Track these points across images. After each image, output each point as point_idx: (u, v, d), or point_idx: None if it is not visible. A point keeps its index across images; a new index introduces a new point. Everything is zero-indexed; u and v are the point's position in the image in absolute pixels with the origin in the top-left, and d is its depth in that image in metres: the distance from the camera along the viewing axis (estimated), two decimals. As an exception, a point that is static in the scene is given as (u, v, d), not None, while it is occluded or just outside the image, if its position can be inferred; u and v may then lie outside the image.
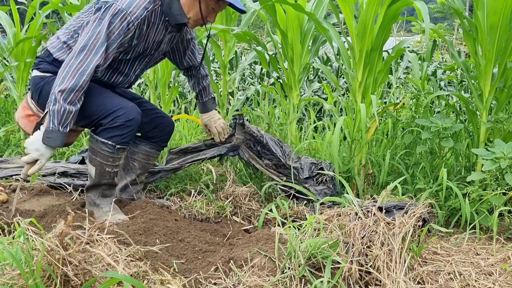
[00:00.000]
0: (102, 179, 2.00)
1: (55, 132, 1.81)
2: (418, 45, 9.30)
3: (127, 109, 1.92)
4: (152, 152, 2.28)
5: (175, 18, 1.95)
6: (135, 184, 2.29)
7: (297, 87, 2.68)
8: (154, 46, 2.06)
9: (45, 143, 1.82)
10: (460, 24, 2.34)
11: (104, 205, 2.02)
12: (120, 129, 1.91)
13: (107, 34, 1.83)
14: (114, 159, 1.96)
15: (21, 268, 1.15)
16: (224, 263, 1.65)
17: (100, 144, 1.93)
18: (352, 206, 1.68)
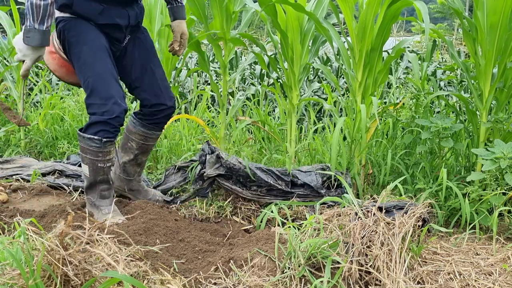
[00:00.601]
0: (96, 176, 1.98)
1: (32, 31, 1.75)
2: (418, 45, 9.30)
3: (108, 106, 1.88)
4: (150, 133, 2.20)
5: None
6: (133, 164, 2.24)
7: (297, 87, 2.68)
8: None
9: (25, 43, 1.77)
10: (460, 24, 2.34)
11: (103, 206, 2.00)
12: (103, 125, 1.89)
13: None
14: (103, 153, 1.94)
15: (21, 268, 1.15)
16: (224, 263, 1.65)
17: (87, 141, 1.92)
18: (352, 206, 1.68)
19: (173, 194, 2.45)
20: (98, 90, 1.89)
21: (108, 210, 1.98)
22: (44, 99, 4.26)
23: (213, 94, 5.15)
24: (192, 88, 5.89)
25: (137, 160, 2.23)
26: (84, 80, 1.92)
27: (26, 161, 2.91)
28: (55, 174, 2.71)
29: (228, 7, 2.63)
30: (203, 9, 2.69)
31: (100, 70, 1.92)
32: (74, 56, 1.94)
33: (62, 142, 3.34)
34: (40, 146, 3.52)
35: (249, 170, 2.23)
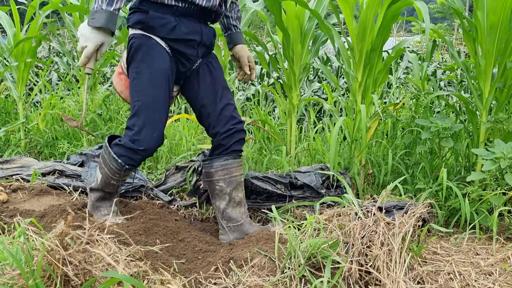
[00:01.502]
0: (105, 188, 1.97)
1: (99, 12, 1.67)
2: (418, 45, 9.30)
3: (144, 137, 1.81)
4: (229, 163, 1.97)
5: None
6: (235, 205, 1.98)
7: (297, 87, 2.68)
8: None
9: (89, 25, 1.69)
10: (460, 24, 2.34)
11: (103, 208, 1.99)
12: (129, 152, 1.84)
13: None
14: (120, 175, 1.91)
15: (21, 268, 1.15)
16: (224, 263, 1.65)
17: (110, 157, 1.88)
18: (352, 206, 1.68)
19: (173, 194, 2.45)
20: (140, 116, 1.82)
21: (107, 212, 1.97)
22: (44, 99, 4.26)
23: (213, 94, 5.13)
24: (192, 88, 5.87)
25: (234, 200, 1.98)
26: (133, 100, 1.86)
27: (26, 161, 2.91)
28: (55, 174, 2.71)
29: (228, 7, 2.63)
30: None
31: (151, 98, 1.83)
32: (132, 73, 1.87)
33: (62, 142, 3.34)
34: (40, 146, 3.52)
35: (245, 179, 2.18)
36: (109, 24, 1.68)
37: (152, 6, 1.82)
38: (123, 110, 3.71)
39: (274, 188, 2.26)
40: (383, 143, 2.76)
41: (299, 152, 2.92)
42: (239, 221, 1.96)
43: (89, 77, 1.86)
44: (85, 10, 3.21)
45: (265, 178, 2.27)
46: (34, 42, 3.50)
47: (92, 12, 1.68)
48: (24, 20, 3.60)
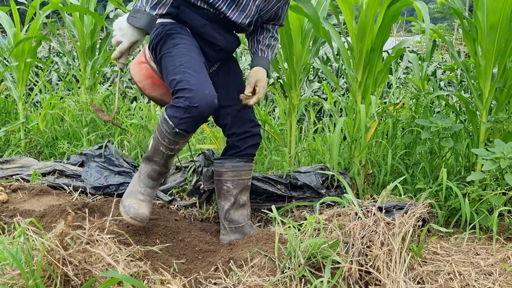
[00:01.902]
0: (154, 155, 1.81)
1: (141, 12, 1.65)
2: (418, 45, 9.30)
3: (196, 93, 1.67)
4: (241, 165, 1.98)
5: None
6: (239, 207, 1.99)
7: (297, 87, 2.68)
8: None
9: (129, 22, 1.66)
10: (460, 24, 2.34)
11: (142, 184, 1.83)
12: (181, 111, 1.68)
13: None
14: (170, 141, 1.74)
15: (21, 268, 1.15)
16: (224, 263, 1.65)
17: (162, 119, 1.74)
18: (352, 206, 1.68)
19: (173, 194, 2.45)
20: (186, 75, 1.71)
21: (145, 192, 1.82)
22: (44, 99, 4.26)
23: (213, 94, 5.14)
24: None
25: (239, 202, 1.99)
26: (174, 67, 1.76)
27: (26, 161, 2.91)
28: (55, 174, 2.71)
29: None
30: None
31: (194, 61, 1.78)
32: (165, 50, 1.81)
33: (62, 142, 3.34)
34: (40, 146, 3.52)
35: None
36: (147, 27, 1.68)
37: (184, 3, 1.84)
38: (123, 110, 3.71)
39: (274, 188, 2.26)
40: (383, 143, 2.76)
41: (299, 152, 2.92)
42: (241, 223, 1.97)
43: (121, 74, 1.83)
44: (85, 10, 3.21)
45: (265, 178, 2.27)
46: (34, 42, 3.50)
47: (134, 10, 1.67)
48: (24, 20, 3.60)
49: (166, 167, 1.85)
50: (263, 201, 2.27)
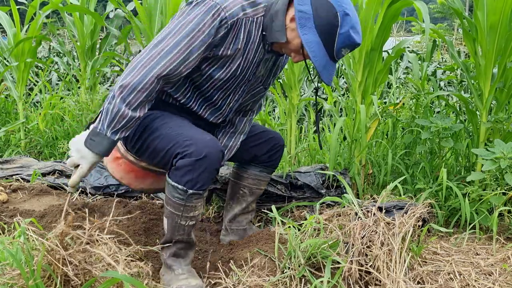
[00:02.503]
0: (174, 235, 1.57)
1: (102, 136, 1.45)
2: (418, 45, 9.30)
3: (199, 144, 1.49)
4: (263, 176, 1.95)
5: (272, 34, 1.56)
6: (245, 213, 1.99)
7: (297, 87, 2.68)
8: (251, 66, 1.65)
9: (87, 146, 1.46)
10: (460, 24, 2.34)
11: (176, 266, 1.58)
12: (191, 171, 1.49)
13: (193, 29, 1.46)
14: (186, 208, 1.53)
15: (22, 268, 1.15)
16: (224, 263, 1.65)
17: (170, 189, 1.53)
18: (352, 206, 1.68)
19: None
20: (178, 142, 1.53)
21: (181, 271, 1.58)
22: (44, 99, 4.26)
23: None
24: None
25: (248, 208, 1.98)
26: (163, 140, 1.57)
27: (26, 161, 2.91)
28: (55, 174, 2.71)
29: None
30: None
31: (185, 125, 1.63)
32: (150, 135, 1.61)
33: (62, 142, 3.34)
34: (40, 146, 3.52)
35: None
36: (106, 153, 1.49)
37: (157, 100, 1.68)
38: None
39: (274, 188, 2.26)
40: (383, 143, 2.76)
41: (299, 152, 2.92)
42: (244, 226, 1.98)
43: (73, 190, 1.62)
44: (85, 10, 3.21)
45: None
46: (34, 42, 3.50)
47: (93, 132, 1.47)
48: (24, 20, 3.60)
49: (191, 238, 1.62)
50: (263, 201, 2.26)
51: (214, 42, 1.51)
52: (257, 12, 1.57)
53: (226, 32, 1.51)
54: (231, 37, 1.54)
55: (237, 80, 1.66)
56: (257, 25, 1.58)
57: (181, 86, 1.64)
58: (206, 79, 1.62)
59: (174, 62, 1.46)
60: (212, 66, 1.58)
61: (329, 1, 1.47)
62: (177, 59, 1.46)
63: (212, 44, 1.52)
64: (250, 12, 1.55)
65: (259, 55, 1.64)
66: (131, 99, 1.44)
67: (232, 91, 1.69)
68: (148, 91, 1.45)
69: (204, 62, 1.57)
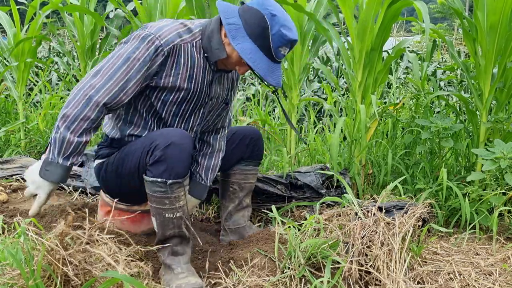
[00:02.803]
0: (166, 230, 1.58)
1: (54, 165, 1.49)
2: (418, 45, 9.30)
3: (164, 135, 1.54)
4: (249, 169, 1.97)
5: (213, 53, 1.61)
6: (241, 209, 1.99)
7: (297, 87, 2.68)
8: (203, 89, 1.68)
9: (42, 176, 1.50)
10: (460, 24, 2.34)
11: (175, 265, 1.59)
12: (163, 161, 1.52)
13: (129, 58, 1.52)
14: (170, 200, 1.55)
15: (22, 268, 1.15)
16: (224, 263, 1.65)
17: (150, 186, 1.55)
18: (352, 206, 1.68)
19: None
20: (145, 139, 1.60)
21: (181, 269, 1.59)
22: (44, 99, 4.26)
23: (213, 94, 5.14)
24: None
25: (242, 204, 1.99)
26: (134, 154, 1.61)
27: (26, 161, 2.91)
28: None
29: (228, 7, 2.63)
30: (202, 9, 2.69)
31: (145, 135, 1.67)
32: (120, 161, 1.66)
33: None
34: (40, 146, 3.52)
35: None
36: (63, 179, 1.51)
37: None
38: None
39: (274, 189, 2.26)
40: (383, 143, 2.76)
41: (299, 152, 2.92)
42: (241, 224, 1.98)
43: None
44: (85, 10, 3.21)
45: (265, 179, 2.27)
46: (34, 42, 3.50)
47: (46, 162, 1.50)
48: (24, 20, 3.60)
49: (183, 231, 1.62)
50: (263, 201, 2.27)
51: (153, 70, 1.56)
52: (195, 37, 1.63)
53: (164, 59, 1.56)
54: (171, 63, 1.59)
55: (192, 104, 1.69)
56: (198, 49, 1.63)
57: (146, 123, 1.69)
58: (161, 107, 1.66)
59: (113, 90, 1.51)
60: (162, 94, 1.63)
61: (254, 7, 1.53)
62: (115, 87, 1.51)
63: (151, 72, 1.56)
64: (187, 37, 1.61)
65: (208, 77, 1.68)
66: (75, 127, 1.48)
67: (190, 115, 1.72)
68: (91, 119, 1.50)
69: (153, 91, 1.62)
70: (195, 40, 1.63)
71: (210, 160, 1.87)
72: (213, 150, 1.88)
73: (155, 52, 1.54)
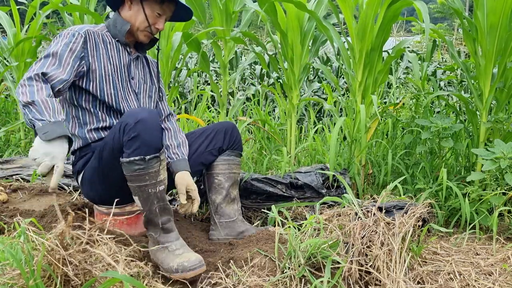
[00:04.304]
0: (151, 206, 1.62)
1: (47, 125, 1.49)
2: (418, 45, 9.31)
3: (132, 114, 1.60)
4: (231, 159, 2.01)
5: (120, 31, 1.83)
6: (230, 202, 2.01)
7: (297, 87, 2.68)
8: (123, 68, 1.85)
9: (45, 139, 1.47)
10: (460, 24, 2.34)
11: (169, 242, 1.64)
12: (136, 137, 1.56)
13: (56, 47, 1.70)
14: (150, 175, 1.59)
15: (22, 268, 1.15)
16: (224, 263, 1.65)
17: (128, 166, 1.59)
18: (352, 206, 1.68)
19: (173, 194, 2.45)
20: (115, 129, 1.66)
21: (176, 246, 1.63)
22: (44, 99, 4.26)
23: (213, 94, 5.15)
24: (192, 88, 5.90)
25: (229, 195, 2.01)
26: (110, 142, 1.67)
27: (26, 161, 2.91)
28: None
29: (227, 7, 2.63)
30: (203, 9, 2.70)
31: None
32: (97, 159, 1.73)
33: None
34: (40, 146, 3.52)
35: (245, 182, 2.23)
36: (65, 130, 1.52)
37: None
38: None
39: (274, 189, 2.26)
40: (383, 143, 2.76)
41: (299, 152, 2.92)
42: (232, 217, 1.99)
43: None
44: (85, 10, 3.21)
45: (265, 179, 2.27)
46: (34, 42, 3.50)
47: (38, 129, 1.49)
48: (24, 20, 3.60)
49: (167, 203, 1.67)
50: (263, 201, 2.27)
51: (78, 52, 1.74)
52: (103, 29, 1.86)
53: (83, 41, 1.76)
54: (91, 45, 1.78)
55: (119, 82, 1.84)
56: (108, 37, 1.85)
57: (96, 116, 1.82)
58: (101, 94, 1.80)
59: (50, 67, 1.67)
60: (96, 80, 1.78)
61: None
62: (52, 65, 1.68)
63: (78, 54, 1.73)
64: (96, 29, 1.84)
65: (125, 58, 1.86)
66: (36, 91, 1.57)
67: (128, 97, 1.86)
68: (41, 80, 1.62)
69: (88, 80, 1.77)
70: (104, 30, 1.85)
71: (176, 139, 1.96)
72: (174, 131, 1.99)
73: (73, 36, 1.74)
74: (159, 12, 1.83)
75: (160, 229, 1.64)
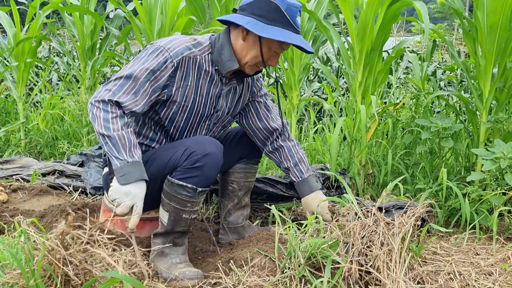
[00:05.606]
0: (176, 227, 1.64)
1: (126, 167, 1.46)
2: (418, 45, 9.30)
3: (200, 144, 1.59)
4: (248, 168, 1.97)
5: (224, 65, 1.66)
6: (240, 208, 1.99)
7: (297, 87, 2.69)
8: (210, 101, 1.72)
9: (125, 183, 1.46)
10: (460, 24, 2.34)
11: (174, 255, 1.65)
12: (197, 169, 1.56)
13: (140, 69, 1.55)
14: (193, 203, 1.62)
15: (22, 268, 1.15)
16: (224, 263, 1.65)
17: (176, 188, 1.59)
18: (352, 206, 1.68)
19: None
20: (178, 151, 1.61)
21: (179, 260, 1.64)
22: (44, 99, 4.26)
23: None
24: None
25: (241, 203, 1.99)
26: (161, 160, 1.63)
27: (26, 161, 2.91)
28: (55, 174, 2.71)
29: (227, 7, 2.63)
30: (202, 10, 2.70)
31: (171, 146, 1.69)
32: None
33: (62, 142, 3.34)
34: (40, 146, 3.52)
35: None
36: (143, 174, 1.50)
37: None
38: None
39: (274, 189, 2.26)
40: (383, 143, 2.76)
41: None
42: (240, 223, 1.99)
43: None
44: (85, 10, 3.22)
45: (265, 179, 2.28)
46: (34, 42, 3.50)
47: (117, 170, 1.47)
48: (24, 20, 3.60)
49: (190, 228, 1.71)
50: (263, 201, 2.27)
51: (162, 82, 1.59)
52: (204, 50, 1.67)
53: (173, 71, 1.60)
54: (180, 74, 1.63)
55: (198, 116, 1.73)
56: (207, 62, 1.68)
57: (154, 135, 1.74)
58: (169, 124, 1.70)
59: (125, 97, 1.54)
60: (171, 110, 1.67)
61: (252, 1, 1.60)
62: (127, 95, 1.54)
63: (161, 84, 1.59)
64: (196, 51, 1.65)
65: (215, 89, 1.72)
66: (112, 125, 1.49)
67: (197, 128, 1.77)
68: (117, 113, 1.51)
69: (163, 106, 1.66)
70: (205, 53, 1.67)
71: (293, 158, 1.93)
72: (288, 148, 1.93)
73: (164, 63, 1.58)
74: (277, 51, 1.67)
75: (170, 241, 1.66)
